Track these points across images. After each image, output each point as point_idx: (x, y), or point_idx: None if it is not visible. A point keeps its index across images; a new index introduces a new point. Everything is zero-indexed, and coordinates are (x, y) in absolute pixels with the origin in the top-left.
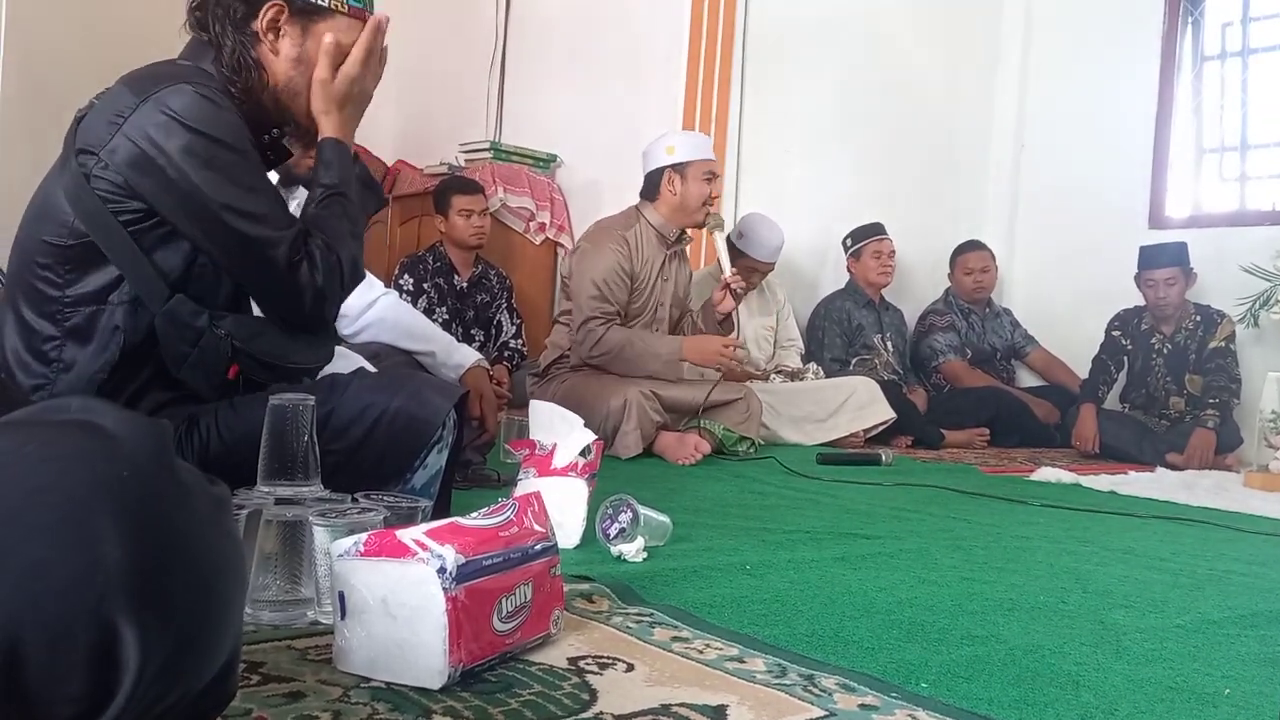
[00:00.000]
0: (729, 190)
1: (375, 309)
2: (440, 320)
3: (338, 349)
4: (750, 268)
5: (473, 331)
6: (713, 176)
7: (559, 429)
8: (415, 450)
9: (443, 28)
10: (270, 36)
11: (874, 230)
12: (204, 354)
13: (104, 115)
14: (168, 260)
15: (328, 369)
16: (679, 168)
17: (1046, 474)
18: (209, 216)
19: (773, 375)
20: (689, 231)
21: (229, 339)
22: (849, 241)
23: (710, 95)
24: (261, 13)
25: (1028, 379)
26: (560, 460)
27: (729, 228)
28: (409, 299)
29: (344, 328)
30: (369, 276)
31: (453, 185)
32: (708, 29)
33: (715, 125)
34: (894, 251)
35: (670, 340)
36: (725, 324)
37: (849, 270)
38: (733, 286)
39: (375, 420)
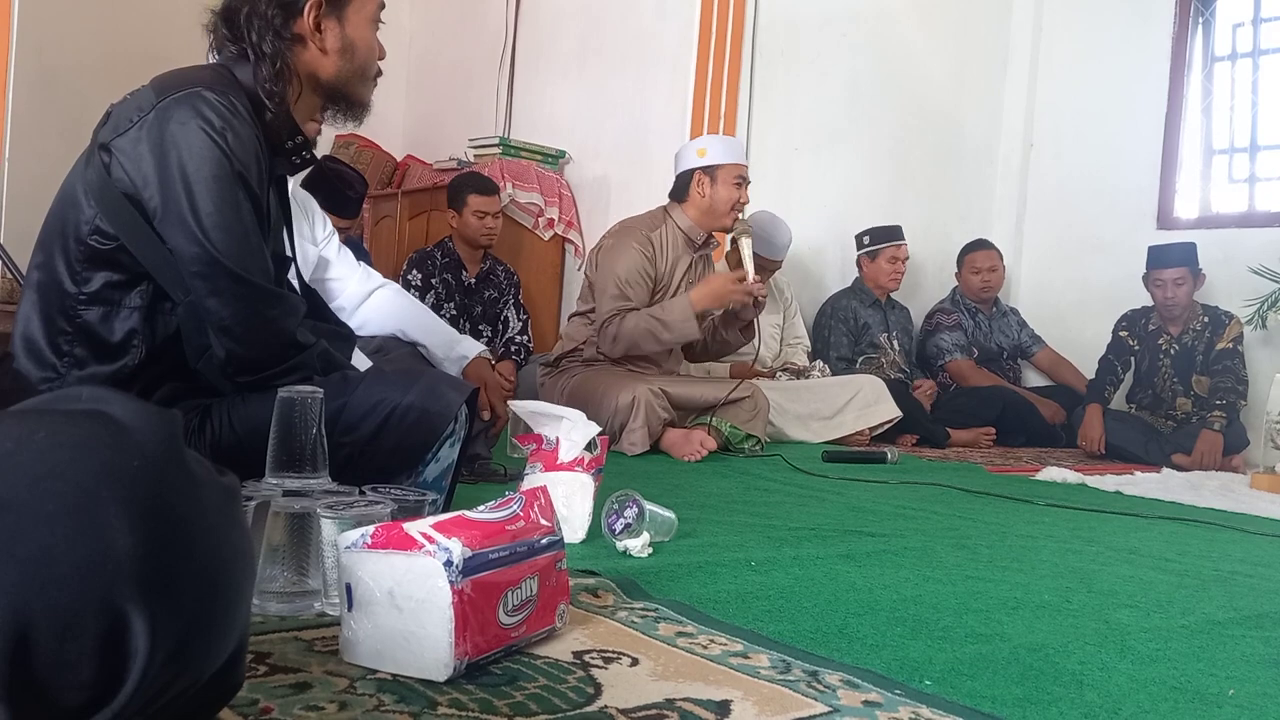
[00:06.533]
0: None
1: (374, 302)
2: (447, 315)
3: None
4: (758, 265)
5: (480, 327)
6: (743, 181)
7: (545, 423)
8: (427, 444)
9: (453, 24)
10: (316, 35)
11: (894, 234)
12: None
13: (127, 112)
14: None
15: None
16: (709, 170)
17: (1052, 474)
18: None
19: (779, 373)
20: (714, 236)
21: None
22: (866, 240)
23: (719, 93)
24: (306, 12)
25: (1034, 379)
26: (566, 454)
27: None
28: (416, 294)
29: (343, 319)
30: (367, 268)
31: (470, 184)
32: (717, 26)
33: (724, 123)
34: (909, 257)
35: (676, 300)
36: (747, 330)
37: (859, 267)
38: (756, 295)
39: (388, 415)
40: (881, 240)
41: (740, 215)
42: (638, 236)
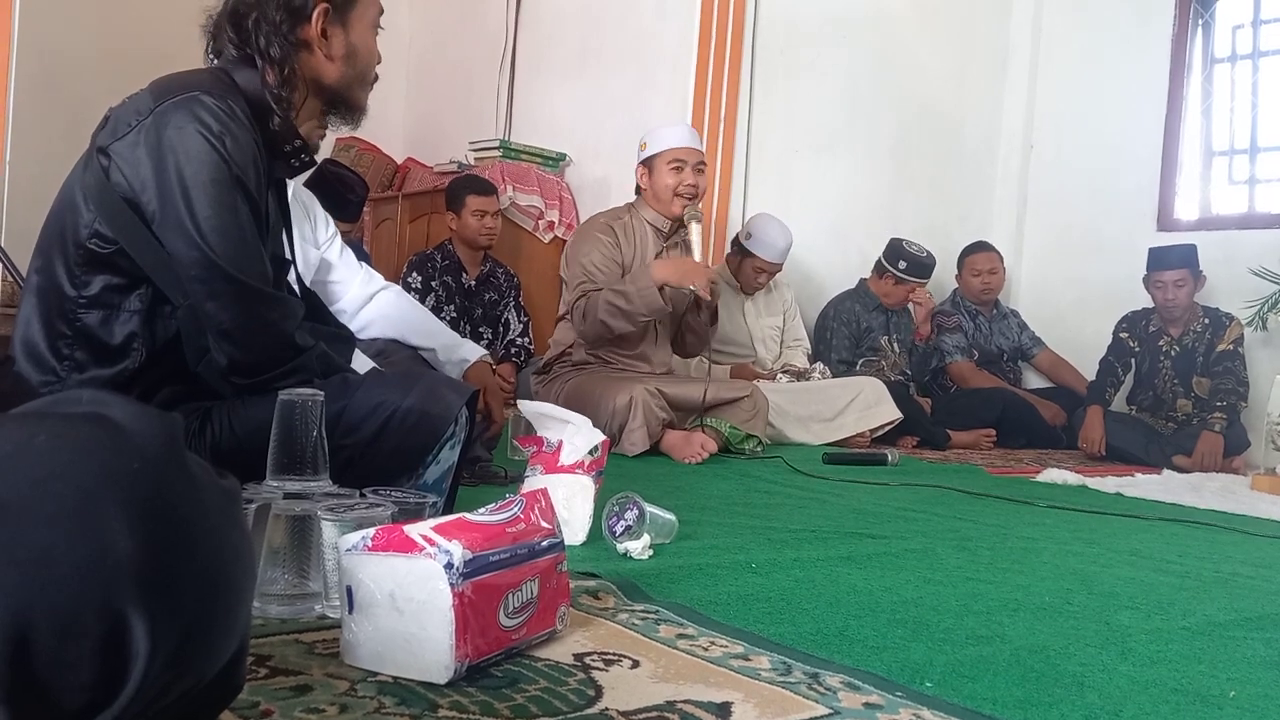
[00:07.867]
0: (737, 190)
1: (376, 304)
2: (448, 318)
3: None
4: (759, 268)
5: (480, 329)
6: (682, 165)
7: (551, 426)
8: (428, 447)
9: (453, 26)
10: (322, 41)
11: (928, 272)
12: None
13: (125, 116)
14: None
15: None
16: (647, 161)
17: (1053, 475)
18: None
19: (779, 375)
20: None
21: None
22: (903, 266)
23: (719, 95)
24: (314, 19)
25: (1034, 380)
26: (567, 457)
27: (738, 227)
28: (417, 296)
29: (344, 323)
30: (368, 270)
31: (468, 185)
32: (717, 28)
33: (724, 125)
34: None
35: (637, 272)
36: (713, 317)
37: (875, 273)
38: (703, 293)
39: (388, 417)
40: (916, 275)
41: (688, 200)
42: (600, 226)
